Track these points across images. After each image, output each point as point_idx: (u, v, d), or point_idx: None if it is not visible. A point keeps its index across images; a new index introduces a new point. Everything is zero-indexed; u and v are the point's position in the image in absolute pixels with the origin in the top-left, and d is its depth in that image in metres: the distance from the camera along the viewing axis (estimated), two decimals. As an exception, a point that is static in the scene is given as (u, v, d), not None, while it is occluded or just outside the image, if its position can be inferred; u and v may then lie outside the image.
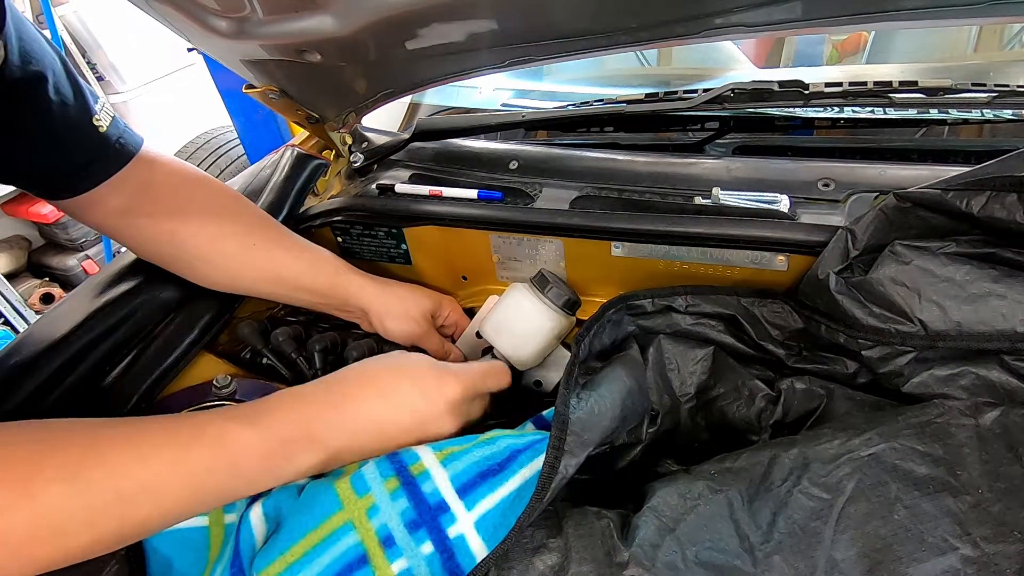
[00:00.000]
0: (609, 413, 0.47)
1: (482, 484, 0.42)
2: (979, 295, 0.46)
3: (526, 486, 0.42)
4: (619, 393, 0.49)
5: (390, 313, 0.69)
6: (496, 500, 0.42)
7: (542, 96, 1.06)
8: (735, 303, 0.59)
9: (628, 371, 0.52)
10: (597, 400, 0.47)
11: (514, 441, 0.45)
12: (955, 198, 0.48)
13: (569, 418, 0.43)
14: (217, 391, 0.62)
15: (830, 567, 0.37)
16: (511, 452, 0.44)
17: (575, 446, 0.42)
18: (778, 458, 0.44)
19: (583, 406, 0.46)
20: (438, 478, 0.43)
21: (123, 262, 0.66)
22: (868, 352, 0.51)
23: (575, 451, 0.42)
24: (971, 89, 0.59)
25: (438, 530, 0.40)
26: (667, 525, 0.41)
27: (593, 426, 0.45)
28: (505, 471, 0.43)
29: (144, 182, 0.60)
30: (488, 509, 0.41)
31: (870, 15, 0.50)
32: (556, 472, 0.40)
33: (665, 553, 0.39)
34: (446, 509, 0.41)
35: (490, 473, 0.43)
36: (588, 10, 0.54)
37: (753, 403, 0.56)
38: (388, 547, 0.40)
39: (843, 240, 0.54)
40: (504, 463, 0.44)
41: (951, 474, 0.40)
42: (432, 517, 0.41)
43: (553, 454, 0.41)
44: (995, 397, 0.45)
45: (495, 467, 0.43)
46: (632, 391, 0.51)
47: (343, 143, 0.81)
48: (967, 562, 0.36)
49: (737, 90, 0.61)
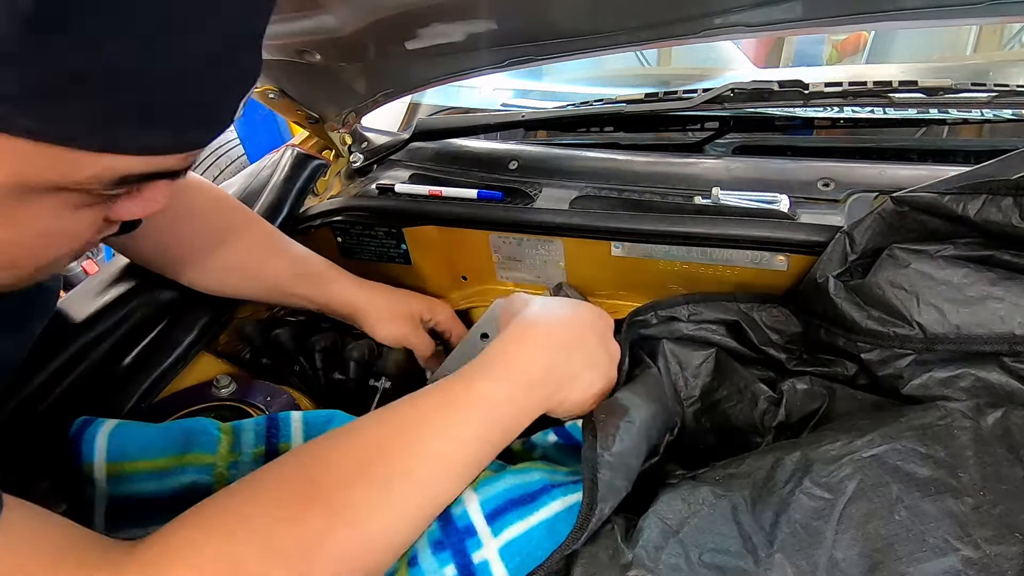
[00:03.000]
0: (636, 452, 0.46)
1: (512, 511, 0.42)
2: (977, 298, 0.46)
3: (555, 520, 0.42)
4: (643, 427, 0.47)
5: (378, 317, 0.69)
6: (524, 528, 0.41)
7: (542, 96, 1.06)
8: (735, 308, 0.59)
9: (650, 394, 0.51)
10: (623, 440, 0.45)
11: (548, 476, 0.45)
12: (951, 202, 0.49)
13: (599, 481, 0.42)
14: (217, 391, 0.62)
15: (831, 566, 0.37)
16: (544, 485, 0.44)
17: (604, 499, 0.41)
18: (781, 461, 0.44)
19: (612, 451, 0.44)
20: (468, 501, 0.42)
21: (123, 262, 0.66)
22: (868, 355, 0.51)
23: (603, 513, 0.41)
24: (971, 89, 0.59)
25: (463, 553, 0.40)
26: (671, 528, 0.41)
27: (622, 469, 0.44)
28: (536, 502, 0.42)
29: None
30: (514, 536, 0.41)
31: (870, 15, 0.50)
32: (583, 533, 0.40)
33: (668, 555, 0.39)
34: (473, 533, 0.41)
35: (521, 502, 0.42)
36: (588, 10, 0.54)
37: (756, 404, 0.56)
38: (411, 567, 0.40)
39: (841, 244, 0.54)
40: (536, 495, 0.43)
41: (952, 476, 0.40)
42: (459, 540, 0.40)
43: (584, 516, 0.40)
44: (995, 399, 0.45)
45: (527, 497, 0.43)
46: (657, 415, 0.50)
47: (343, 143, 0.81)
48: (968, 563, 0.36)
49: (737, 90, 0.61)
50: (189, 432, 0.51)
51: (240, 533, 0.35)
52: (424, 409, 0.43)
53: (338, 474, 0.38)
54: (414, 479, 0.39)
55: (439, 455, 0.41)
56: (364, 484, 0.38)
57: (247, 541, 0.34)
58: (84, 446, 0.49)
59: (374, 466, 0.39)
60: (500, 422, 0.43)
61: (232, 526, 0.35)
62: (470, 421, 0.42)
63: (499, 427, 0.43)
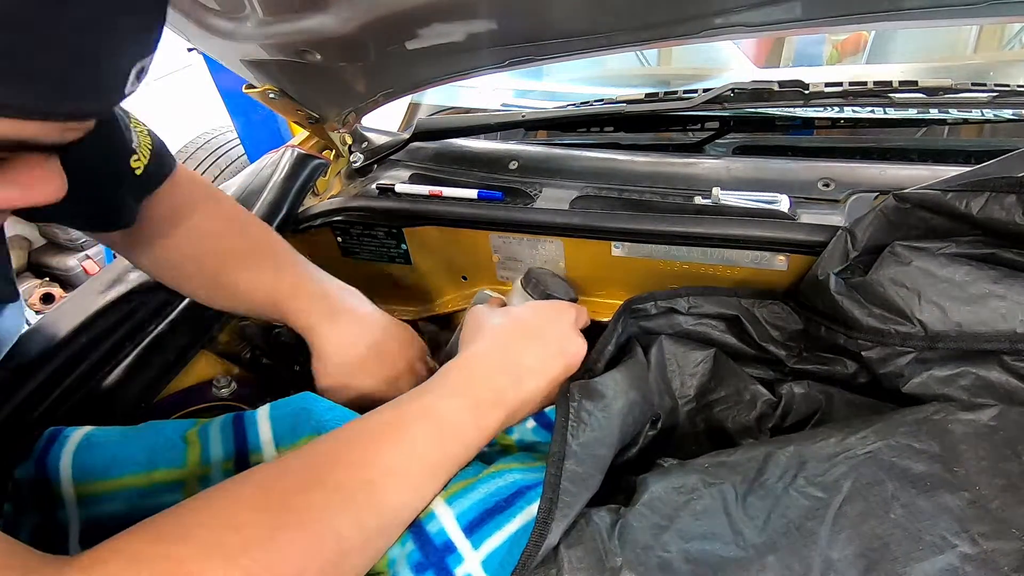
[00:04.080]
0: (607, 440, 0.46)
1: (489, 522, 0.41)
2: (979, 296, 0.46)
3: (532, 524, 0.41)
4: (619, 416, 0.48)
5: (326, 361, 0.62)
6: (503, 538, 0.41)
7: (542, 96, 1.06)
8: (736, 304, 0.59)
9: (631, 382, 0.51)
10: (595, 429, 0.45)
11: (521, 477, 0.45)
12: (954, 199, 0.49)
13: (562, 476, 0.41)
14: (217, 391, 0.62)
15: (826, 567, 0.37)
16: (518, 488, 0.43)
17: (567, 505, 0.41)
18: (773, 455, 0.44)
19: (580, 441, 0.44)
20: (444, 517, 0.42)
21: (123, 262, 0.66)
22: (868, 353, 0.51)
23: (571, 507, 0.41)
24: (971, 89, 0.59)
25: (445, 571, 0.40)
26: (660, 523, 0.40)
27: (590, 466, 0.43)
28: (512, 507, 0.42)
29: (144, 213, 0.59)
30: (495, 547, 0.40)
31: (870, 15, 0.50)
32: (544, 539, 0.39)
33: (658, 553, 0.39)
34: (453, 549, 0.40)
35: (497, 510, 0.42)
36: (588, 10, 0.54)
37: (754, 407, 0.56)
38: None
39: (843, 241, 0.54)
40: (511, 499, 0.43)
41: (948, 471, 0.40)
42: (439, 558, 0.40)
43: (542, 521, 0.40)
44: (995, 397, 0.45)
45: (501, 503, 0.42)
46: (635, 403, 0.50)
47: (343, 143, 0.81)
48: (966, 559, 0.36)
49: (737, 90, 0.62)
50: (154, 444, 0.50)
51: (187, 538, 0.34)
52: (378, 423, 0.43)
53: (294, 482, 0.38)
54: (375, 489, 0.39)
55: (396, 467, 0.41)
56: (320, 489, 0.38)
57: (191, 543, 0.34)
58: (50, 466, 0.47)
59: (333, 474, 0.39)
60: (456, 437, 0.44)
61: (179, 532, 0.34)
62: (424, 435, 0.43)
63: (456, 441, 0.44)
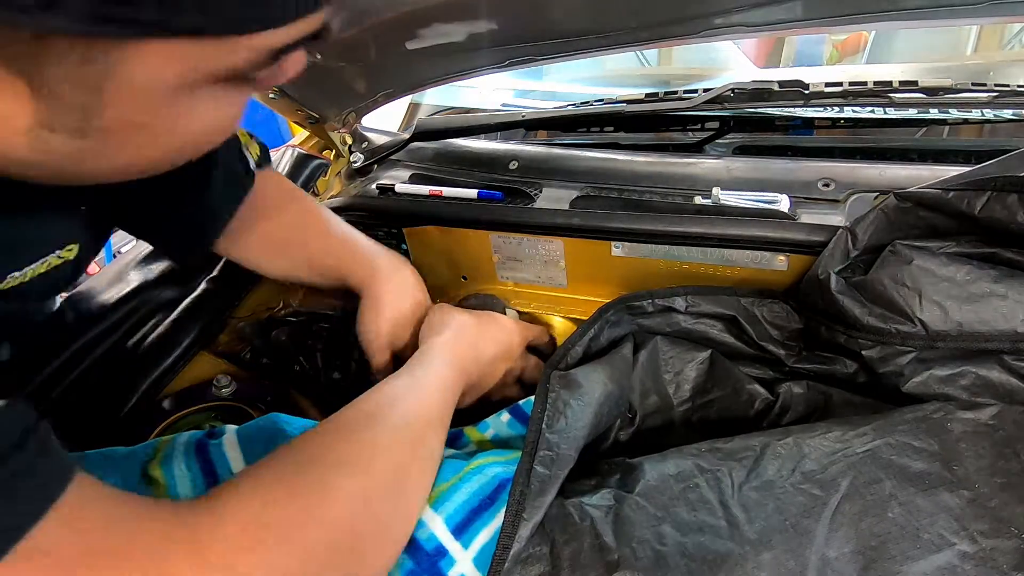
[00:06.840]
0: (582, 428, 0.47)
1: (476, 520, 0.42)
2: (980, 295, 0.46)
3: None
4: (595, 405, 0.49)
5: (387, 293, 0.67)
6: (492, 533, 0.41)
7: (542, 96, 1.06)
8: (735, 303, 0.59)
9: (611, 374, 0.52)
10: (570, 418, 0.46)
11: (503, 470, 0.45)
12: (956, 198, 0.48)
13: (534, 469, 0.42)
14: (217, 391, 0.62)
15: (823, 565, 0.37)
16: (499, 482, 0.44)
17: (538, 495, 0.41)
18: (770, 446, 0.44)
19: (555, 429, 0.45)
20: (432, 523, 0.42)
21: (124, 262, 0.66)
22: (868, 352, 0.51)
23: (545, 494, 0.41)
24: (971, 89, 0.59)
25: (438, 575, 0.40)
26: (656, 514, 0.40)
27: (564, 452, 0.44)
28: (497, 502, 0.43)
29: None
30: (484, 543, 0.41)
31: (870, 15, 0.50)
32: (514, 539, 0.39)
33: (655, 547, 0.39)
34: (444, 553, 0.41)
35: (482, 508, 0.43)
36: (588, 10, 0.54)
37: (752, 407, 0.56)
38: None
39: (843, 240, 0.54)
40: (494, 494, 0.43)
41: (947, 469, 0.40)
42: (431, 564, 0.40)
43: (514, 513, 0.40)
44: (995, 397, 0.45)
45: (486, 500, 0.43)
46: (611, 394, 0.51)
47: (343, 143, 0.81)
48: (965, 558, 0.36)
49: (737, 90, 0.61)
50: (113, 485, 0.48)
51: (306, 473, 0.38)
52: (403, 388, 0.47)
53: (356, 424, 0.43)
54: (424, 435, 0.44)
55: (433, 419, 0.46)
56: (382, 427, 0.42)
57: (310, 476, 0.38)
58: None
59: (390, 417, 0.43)
60: (452, 397, 0.50)
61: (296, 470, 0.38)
62: (440, 394, 0.49)
63: (452, 400, 0.50)
